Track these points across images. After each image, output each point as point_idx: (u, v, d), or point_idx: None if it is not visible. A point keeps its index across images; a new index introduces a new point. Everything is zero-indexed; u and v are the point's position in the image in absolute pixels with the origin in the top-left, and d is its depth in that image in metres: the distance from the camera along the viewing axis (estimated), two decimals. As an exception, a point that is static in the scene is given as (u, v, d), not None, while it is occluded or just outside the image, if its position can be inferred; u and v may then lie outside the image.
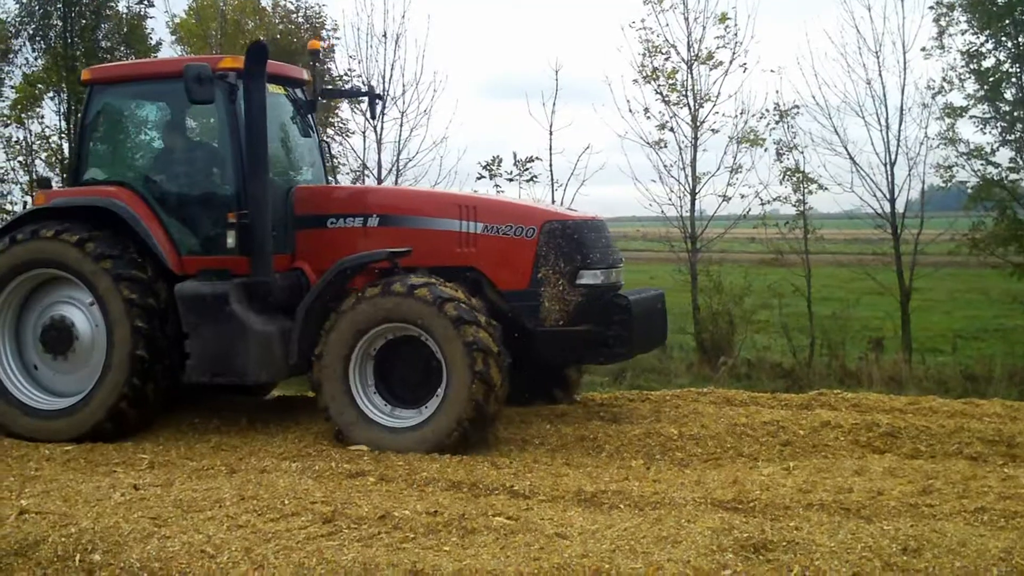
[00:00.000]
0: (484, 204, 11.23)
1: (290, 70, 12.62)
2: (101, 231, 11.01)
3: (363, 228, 11.23)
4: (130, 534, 7.19)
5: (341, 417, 10.26)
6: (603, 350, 10.67)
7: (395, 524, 7.53)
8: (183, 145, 12.07)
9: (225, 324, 10.71)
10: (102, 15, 25.50)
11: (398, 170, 20.81)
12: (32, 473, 9.44)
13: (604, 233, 11.20)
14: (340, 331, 10.24)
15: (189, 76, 10.40)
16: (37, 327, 11.42)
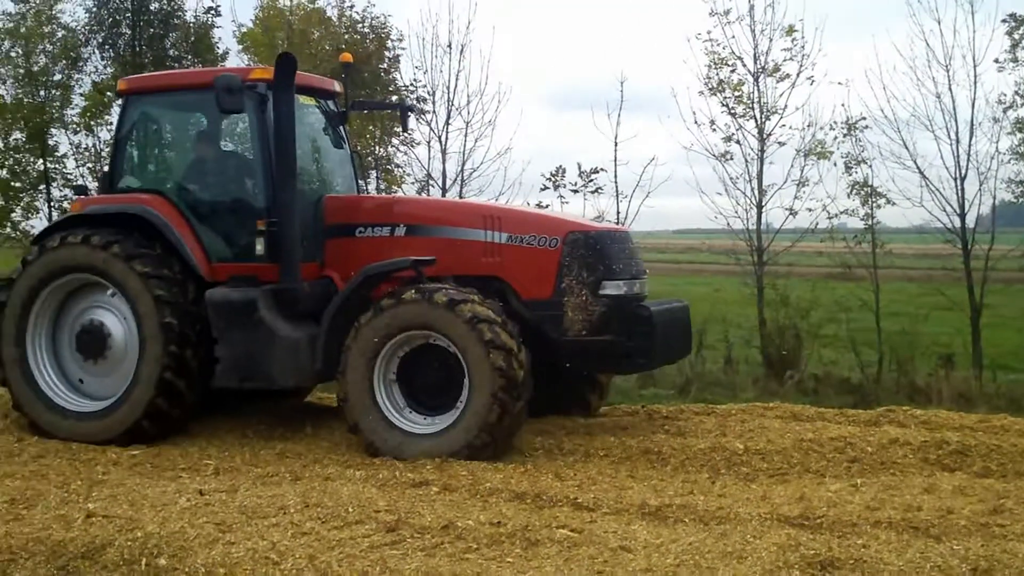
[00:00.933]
0: (508, 214, 11.34)
1: (321, 82, 12.87)
2: (136, 237, 11.22)
3: (390, 237, 11.40)
4: (195, 539, 7.23)
5: (366, 424, 10.37)
6: (625, 360, 10.75)
7: (458, 534, 7.52)
8: (214, 154, 12.30)
9: (253, 330, 10.90)
10: (170, 24, 25.75)
11: (462, 180, 20.78)
12: (99, 477, 9.51)
13: (628, 244, 11.31)
14: (363, 339, 10.36)
15: (219, 86, 10.63)
16: (72, 332, 11.64)
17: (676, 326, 11.35)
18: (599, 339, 10.58)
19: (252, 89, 11.21)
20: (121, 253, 11.07)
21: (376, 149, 23.87)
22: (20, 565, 7.02)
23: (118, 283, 11.14)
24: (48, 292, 11.54)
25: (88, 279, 11.45)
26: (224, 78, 10.73)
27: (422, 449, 10.05)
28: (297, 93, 11.48)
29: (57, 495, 8.70)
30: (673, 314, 11.28)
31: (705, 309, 21.86)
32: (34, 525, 7.72)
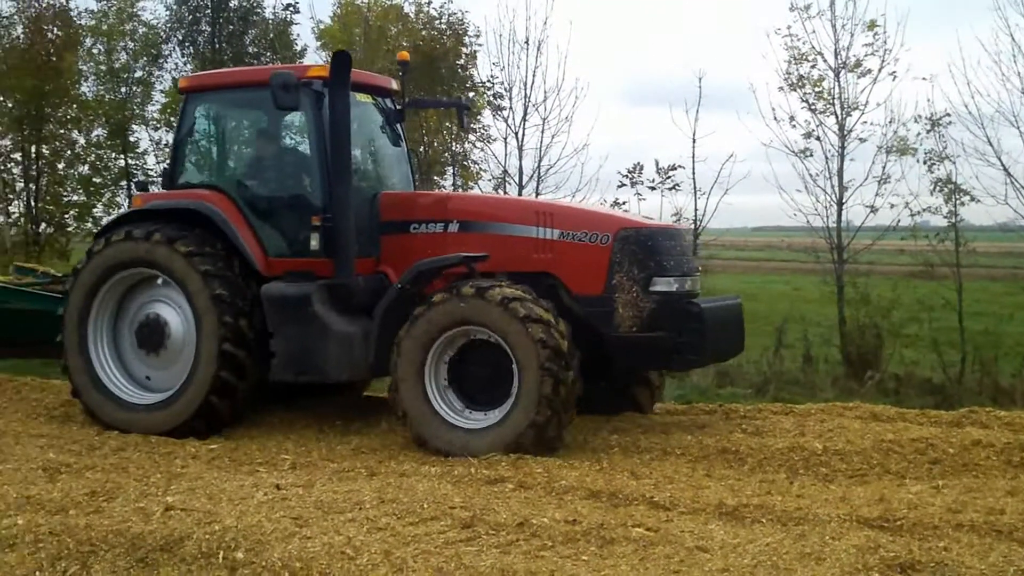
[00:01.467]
0: (561, 211, 11.36)
1: (378, 80, 13.04)
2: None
3: (444, 233, 11.48)
4: (272, 533, 7.28)
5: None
6: (675, 357, 10.71)
7: (533, 531, 7.50)
8: (271, 150, 12.53)
9: (308, 324, 11.08)
10: (249, 21, 25.99)
11: (539, 177, 20.77)
12: (178, 470, 9.61)
13: (680, 241, 11.35)
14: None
15: (275, 84, 10.81)
16: (132, 325, 11.91)
17: (728, 323, 11.35)
18: (649, 335, 10.57)
19: (308, 86, 11.35)
20: (179, 248, 11.27)
21: (453, 146, 23.93)
22: (100, 557, 7.10)
23: (176, 277, 11.36)
24: (109, 286, 11.82)
25: (147, 273, 11.69)
26: (280, 75, 10.90)
27: (468, 443, 10.16)
28: (354, 91, 11.69)
29: (136, 488, 8.79)
30: (725, 311, 11.32)
31: (784, 307, 21.73)
32: (114, 517, 7.80)
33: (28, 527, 7.55)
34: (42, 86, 25.47)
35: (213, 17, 25.73)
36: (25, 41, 26.00)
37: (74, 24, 26.89)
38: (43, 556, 7.13)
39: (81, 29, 27.20)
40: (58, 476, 9.30)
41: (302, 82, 11.20)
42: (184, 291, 11.30)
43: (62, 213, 26.97)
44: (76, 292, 11.86)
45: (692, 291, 11.09)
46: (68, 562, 7.06)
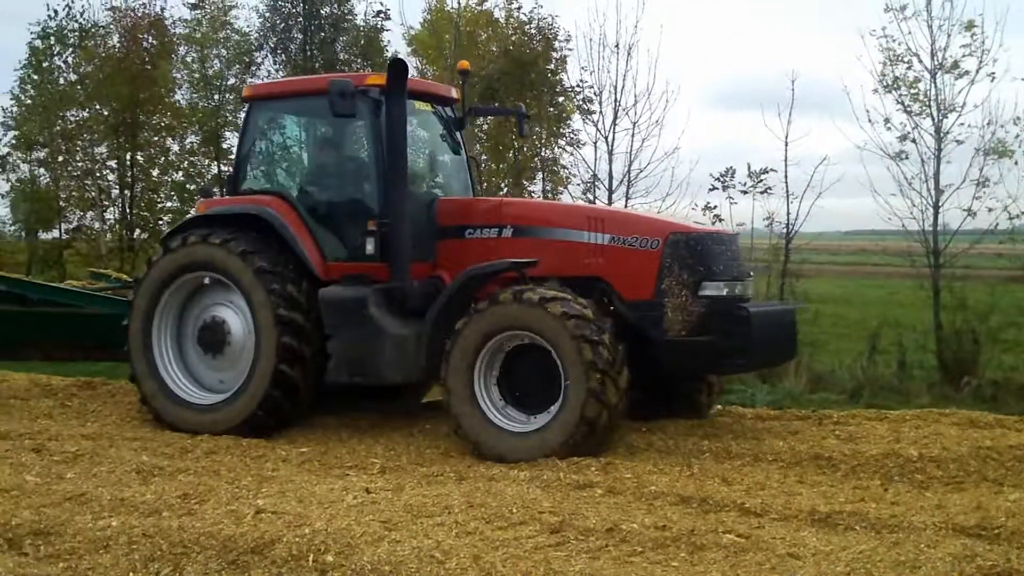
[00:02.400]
0: (611, 216, 11.54)
1: (438, 88, 13.27)
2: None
3: (498, 239, 11.62)
4: (362, 537, 7.29)
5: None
6: (723, 361, 10.73)
7: (623, 537, 7.45)
8: (330, 157, 12.76)
9: (363, 327, 11.22)
10: (340, 28, 26.20)
11: (629, 181, 20.68)
12: (268, 474, 9.68)
13: (731, 246, 11.33)
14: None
15: (333, 91, 10.98)
16: (195, 327, 12.18)
17: (778, 328, 11.37)
18: (698, 339, 10.60)
19: (365, 94, 11.47)
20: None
21: (543, 151, 23.93)
22: (192, 559, 7.15)
23: (233, 278, 11.61)
24: (172, 289, 12.09)
25: (212, 277, 11.90)
26: (337, 83, 11.08)
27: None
28: (414, 99, 12.02)
29: (228, 491, 8.86)
30: (775, 316, 11.39)
31: (878, 312, 21.42)
32: (205, 520, 7.87)
33: (122, 529, 7.64)
34: (137, 94, 25.90)
35: (305, 24, 25.99)
36: (121, 50, 26.47)
37: (168, 33, 27.34)
38: (136, 558, 7.20)
39: (175, 38, 27.62)
40: (151, 479, 9.41)
41: (359, 90, 11.32)
42: (241, 290, 11.57)
43: (156, 219, 27.42)
44: (140, 298, 12.17)
45: (742, 296, 11.09)
46: (161, 564, 7.12)
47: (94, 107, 27.24)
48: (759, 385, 15.52)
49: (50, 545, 7.54)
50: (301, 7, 25.97)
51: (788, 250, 19.37)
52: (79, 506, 8.43)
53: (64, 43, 28.12)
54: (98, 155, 27.45)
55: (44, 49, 28.23)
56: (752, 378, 15.84)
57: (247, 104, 12.91)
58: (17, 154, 29.00)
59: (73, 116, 28.00)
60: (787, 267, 19.40)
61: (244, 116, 12.90)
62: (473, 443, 10.47)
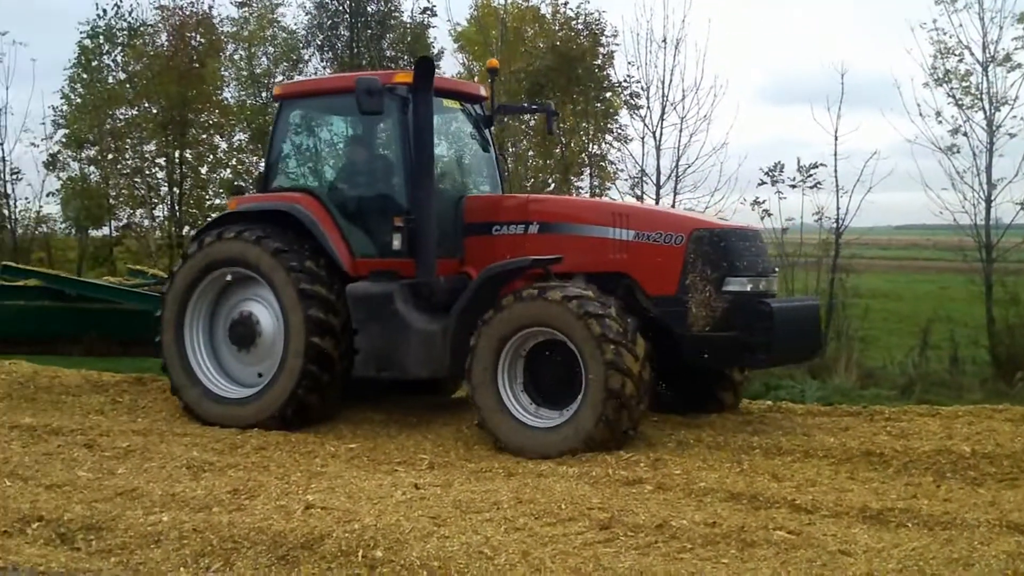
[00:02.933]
0: (636, 212, 11.63)
1: (467, 86, 13.51)
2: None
3: (524, 235, 11.71)
4: (411, 532, 7.31)
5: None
6: (746, 356, 10.81)
7: (672, 533, 7.44)
8: (359, 154, 12.91)
9: (390, 322, 11.37)
10: (387, 25, 26.22)
11: (677, 176, 20.60)
12: (318, 469, 9.71)
13: (755, 242, 11.42)
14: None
15: (360, 89, 11.08)
16: (227, 322, 12.36)
17: (802, 324, 11.37)
18: (721, 335, 10.63)
19: (392, 92, 11.58)
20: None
21: (590, 146, 23.88)
22: (242, 554, 7.20)
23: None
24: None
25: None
26: (364, 81, 11.19)
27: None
28: (442, 97, 12.26)
29: (278, 486, 8.91)
30: (798, 311, 11.42)
31: (929, 307, 21.23)
32: (256, 515, 7.91)
33: (173, 524, 7.71)
34: (185, 92, 26.02)
35: (352, 21, 26.02)
36: (169, 49, 26.59)
37: (216, 31, 27.44)
38: (187, 553, 7.26)
39: (223, 36, 27.74)
40: (202, 474, 9.48)
41: (387, 88, 11.43)
42: (272, 287, 11.69)
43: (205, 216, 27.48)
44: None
45: (766, 291, 11.12)
46: (211, 559, 7.17)
47: (143, 105, 27.38)
48: (809, 381, 15.43)
49: (102, 540, 7.63)
50: (348, 4, 26.02)
51: (838, 245, 19.23)
52: (130, 501, 8.51)
53: (113, 42, 28.28)
54: (147, 153, 27.60)
55: (93, 48, 28.40)
56: (802, 374, 15.76)
57: (278, 103, 13.08)
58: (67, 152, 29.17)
59: (122, 114, 28.14)
60: (837, 262, 19.25)
61: (275, 114, 13.05)
62: (496, 438, 10.58)
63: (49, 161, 28.88)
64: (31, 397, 13.33)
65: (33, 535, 7.81)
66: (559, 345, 10.38)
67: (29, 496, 8.65)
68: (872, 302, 21.16)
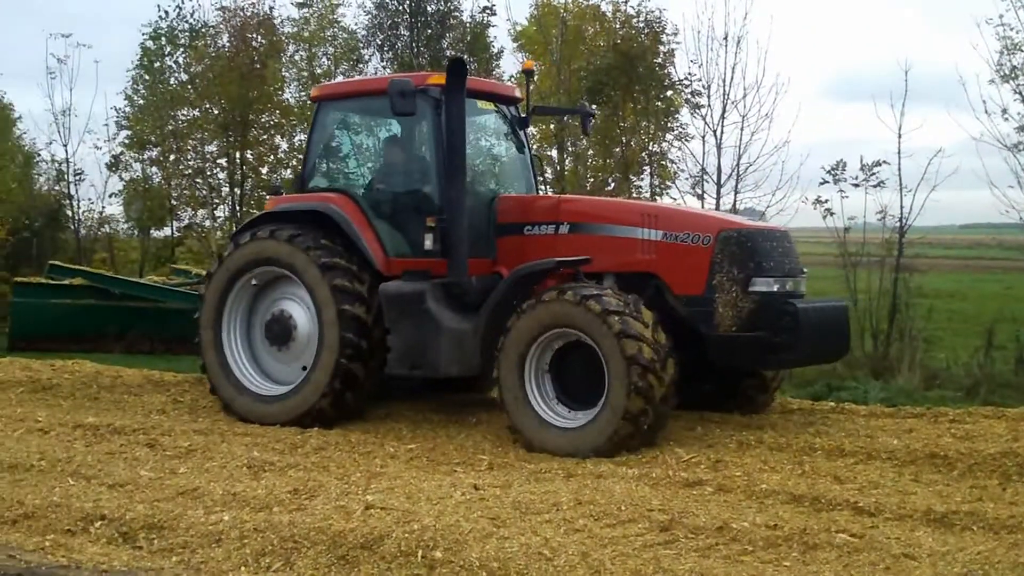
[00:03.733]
0: (664, 212, 11.69)
1: (501, 88, 13.61)
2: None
3: (555, 235, 11.84)
4: (470, 533, 7.29)
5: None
6: (771, 356, 10.85)
7: (733, 536, 7.39)
8: (392, 155, 13.19)
9: (422, 321, 11.52)
10: (447, 24, 26.24)
11: (738, 175, 20.51)
12: (377, 470, 9.72)
13: (783, 243, 11.44)
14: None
15: (393, 91, 11.33)
16: (263, 321, 12.58)
17: (828, 325, 11.42)
18: (747, 335, 10.70)
19: (425, 93, 11.81)
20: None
21: (650, 145, 23.79)
22: (302, 554, 7.22)
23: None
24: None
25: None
26: (397, 83, 11.42)
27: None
28: (476, 98, 12.46)
29: (337, 487, 8.93)
30: (824, 312, 11.41)
31: (994, 307, 20.99)
32: (316, 515, 7.93)
33: (234, 523, 7.75)
34: (247, 93, 26.13)
35: (411, 21, 26.06)
36: (230, 50, 26.73)
37: (277, 32, 27.55)
38: (248, 552, 7.30)
39: (284, 36, 27.86)
40: (262, 474, 9.54)
41: (420, 89, 11.63)
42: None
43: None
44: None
45: (794, 292, 11.20)
46: (272, 558, 7.20)
47: (204, 106, 27.55)
48: (871, 382, 15.29)
49: (163, 539, 7.68)
50: (408, 4, 26.07)
51: (902, 244, 19.03)
52: (192, 501, 8.57)
53: (175, 43, 28.50)
54: (208, 153, 27.77)
55: (155, 50, 28.64)
56: (865, 374, 15.62)
57: (315, 104, 13.27)
58: (130, 153, 29.43)
59: (184, 115, 28.34)
60: (900, 262, 19.05)
61: (313, 115, 13.27)
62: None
63: (112, 162, 29.17)
64: (94, 396, 13.51)
65: (96, 534, 7.88)
66: (585, 346, 10.46)
67: (92, 495, 8.74)
68: (936, 302, 20.96)
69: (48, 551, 7.45)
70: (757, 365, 11.61)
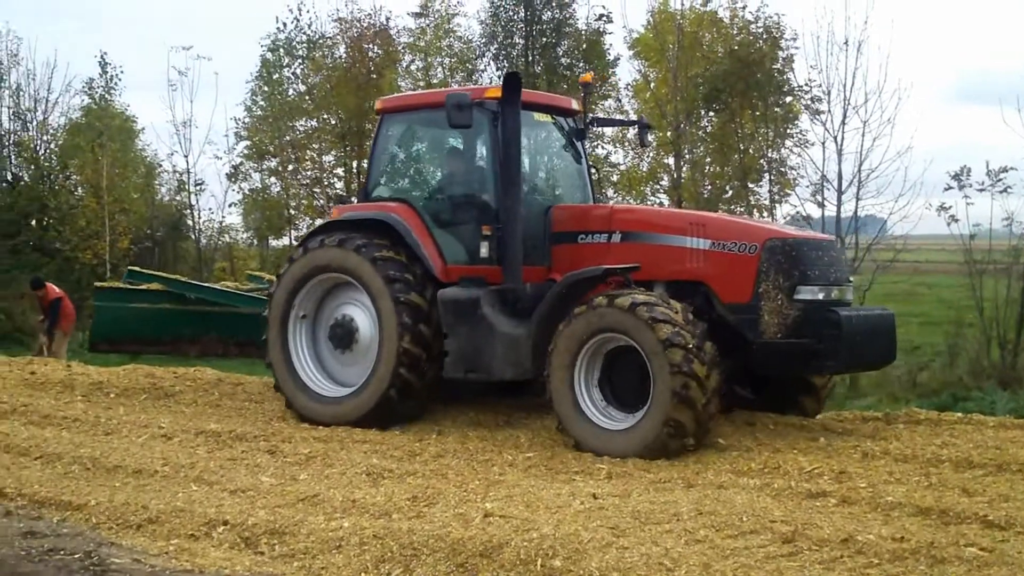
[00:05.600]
0: (712, 222, 11.89)
1: (559, 100, 13.89)
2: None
3: (607, 244, 12.13)
4: (589, 542, 7.23)
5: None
6: (815, 363, 11.10)
7: (858, 548, 7.23)
8: (451, 166, 13.62)
9: (477, 326, 11.89)
10: (562, 32, 26.29)
11: (859, 182, 20.26)
12: (496, 478, 9.71)
13: (829, 252, 11.67)
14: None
15: (450, 104, 11.68)
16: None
17: (873, 332, 11.50)
18: (792, 342, 10.95)
19: (482, 106, 12.17)
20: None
21: (768, 152, 23.60)
22: (422, 561, 7.23)
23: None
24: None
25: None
26: (454, 96, 11.76)
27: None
28: (533, 111, 12.95)
29: (456, 494, 8.94)
30: (869, 320, 11.54)
31: None
32: (434, 523, 7.95)
33: (353, 530, 7.79)
34: (363, 103, 26.45)
35: (527, 30, 26.16)
36: (347, 60, 27.07)
37: (393, 42, 27.83)
38: (367, 558, 7.32)
39: (400, 47, 28.12)
40: (381, 481, 9.58)
41: (476, 102, 11.97)
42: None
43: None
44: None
45: (839, 300, 11.38)
46: (391, 565, 7.22)
47: (322, 116, 27.95)
48: (999, 392, 14.97)
49: (284, 544, 7.75)
50: (523, 13, 26.16)
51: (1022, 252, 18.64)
52: (312, 507, 8.65)
53: (292, 55, 28.97)
54: (326, 163, 28.17)
55: (274, 61, 29.12)
56: (991, 385, 15.30)
57: (379, 116, 13.66)
58: (249, 164, 29.97)
59: (302, 126, 28.81)
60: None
61: (376, 127, 13.67)
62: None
63: (231, 172, 29.69)
64: (215, 403, 13.73)
65: (218, 539, 7.98)
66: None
67: (214, 501, 8.86)
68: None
69: (172, 555, 7.57)
70: (801, 372, 11.84)
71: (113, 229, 30.32)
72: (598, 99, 27.27)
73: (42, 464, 10.45)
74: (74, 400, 13.91)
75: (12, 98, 33.53)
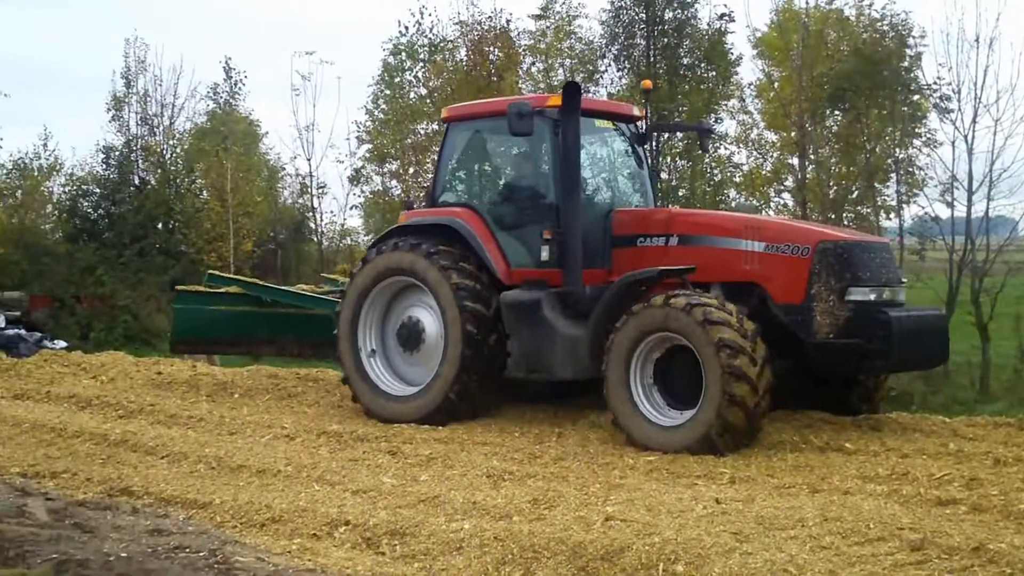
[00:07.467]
0: (766, 225, 12.25)
1: (619, 107, 14.59)
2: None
3: (665, 247, 12.46)
4: (712, 548, 7.15)
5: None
6: (865, 363, 11.32)
7: (990, 557, 7.04)
8: (513, 172, 14.31)
9: (538, 328, 12.31)
10: (684, 33, 26.10)
11: (991, 182, 19.80)
12: (616, 481, 9.67)
13: (881, 254, 11.92)
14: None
15: (511, 112, 12.06)
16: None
17: (923, 332, 11.77)
18: (843, 342, 11.16)
19: (542, 115, 12.51)
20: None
21: (896, 152, 23.20)
22: (542, 563, 7.22)
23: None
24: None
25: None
26: (516, 105, 12.18)
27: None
28: (595, 118, 13.48)
29: (576, 497, 8.91)
30: (919, 321, 11.79)
31: None
32: (555, 525, 7.92)
33: (474, 531, 7.81)
34: (484, 106, 26.49)
35: (648, 31, 26.03)
36: (468, 63, 27.16)
37: (514, 45, 27.86)
38: (488, 560, 7.34)
39: (521, 49, 28.14)
40: (501, 483, 9.61)
41: (538, 111, 12.35)
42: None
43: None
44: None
45: (891, 300, 11.64)
46: (512, 567, 7.23)
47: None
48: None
49: (406, 545, 7.81)
50: (644, 13, 26.03)
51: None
52: (433, 508, 8.69)
53: (414, 58, 29.16)
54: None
55: (395, 64, 29.35)
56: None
57: (445, 124, 14.13)
58: (370, 167, 30.22)
59: (423, 129, 28.97)
60: None
61: (443, 135, 14.04)
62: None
63: (353, 176, 29.96)
64: (337, 404, 13.90)
65: (340, 538, 8.07)
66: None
67: (336, 501, 8.95)
68: None
69: (295, 554, 7.66)
70: (852, 371, 11.96)
71: (237, 232, 30.84)
72: (720, 99, 27.09)
73: (168, 463, 10.68)
74: (199, 400, 14.23)
75: (140, 104, 34.23)
